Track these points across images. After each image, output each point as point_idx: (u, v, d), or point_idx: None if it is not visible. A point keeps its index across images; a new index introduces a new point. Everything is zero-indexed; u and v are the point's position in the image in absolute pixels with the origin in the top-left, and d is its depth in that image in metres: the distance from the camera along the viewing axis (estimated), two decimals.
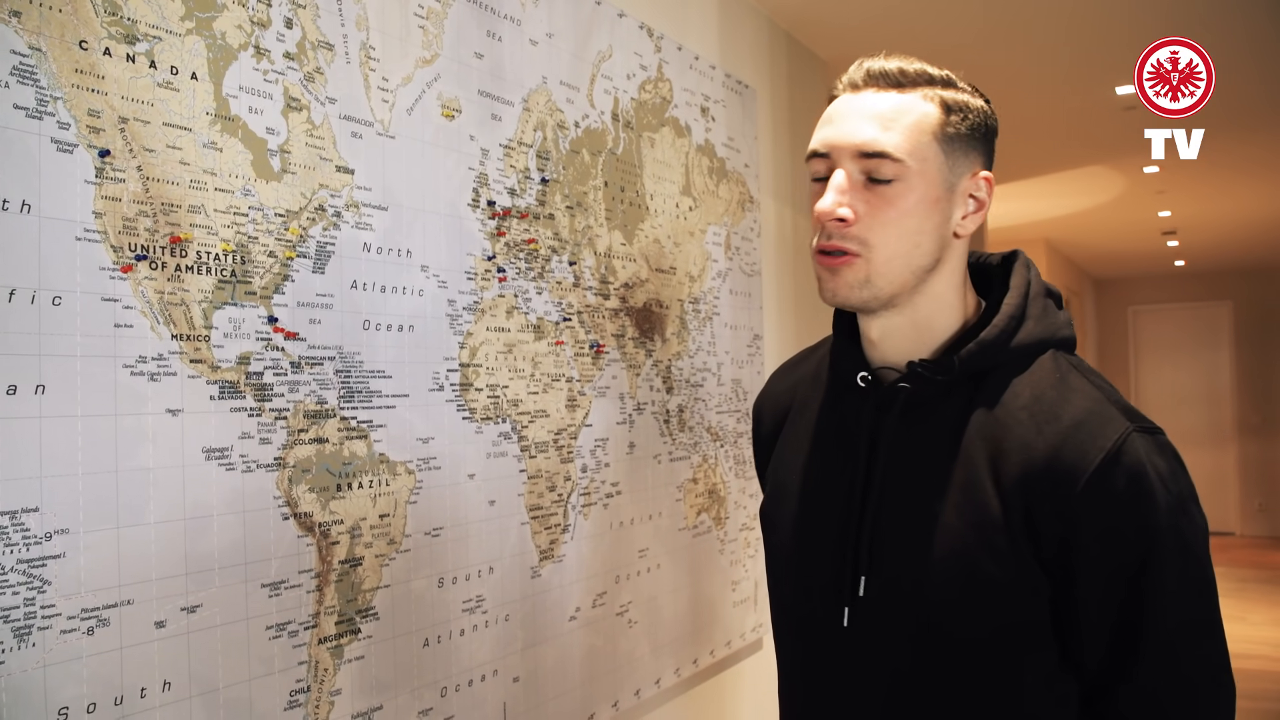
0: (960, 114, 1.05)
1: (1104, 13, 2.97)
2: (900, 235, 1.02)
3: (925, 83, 1.05)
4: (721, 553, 2.39)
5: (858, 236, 1.02)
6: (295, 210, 1.31)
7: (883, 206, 1.02)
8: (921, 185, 1.02)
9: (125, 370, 1.10)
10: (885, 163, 1.01)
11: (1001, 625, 0.99)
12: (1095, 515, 0.95)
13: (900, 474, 1.06)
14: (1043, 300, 1.09)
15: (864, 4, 2.88)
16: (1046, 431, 0.98)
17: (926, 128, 1.03)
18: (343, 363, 1.37)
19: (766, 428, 1.28)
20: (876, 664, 1.05)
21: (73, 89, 1.07)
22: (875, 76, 1.05)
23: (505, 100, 1.70)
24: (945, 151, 1.04)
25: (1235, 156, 4.90)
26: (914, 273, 1.05)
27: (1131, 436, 0.96)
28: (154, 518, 1.12)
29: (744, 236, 2.56)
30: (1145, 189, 5.56)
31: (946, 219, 1.05)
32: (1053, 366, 1.04)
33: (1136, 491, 0.95)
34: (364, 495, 1.39)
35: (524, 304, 1.72)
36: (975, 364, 1.04)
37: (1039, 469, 0.97)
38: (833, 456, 1.14)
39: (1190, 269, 9.50)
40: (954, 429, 1.04)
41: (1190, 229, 7.13)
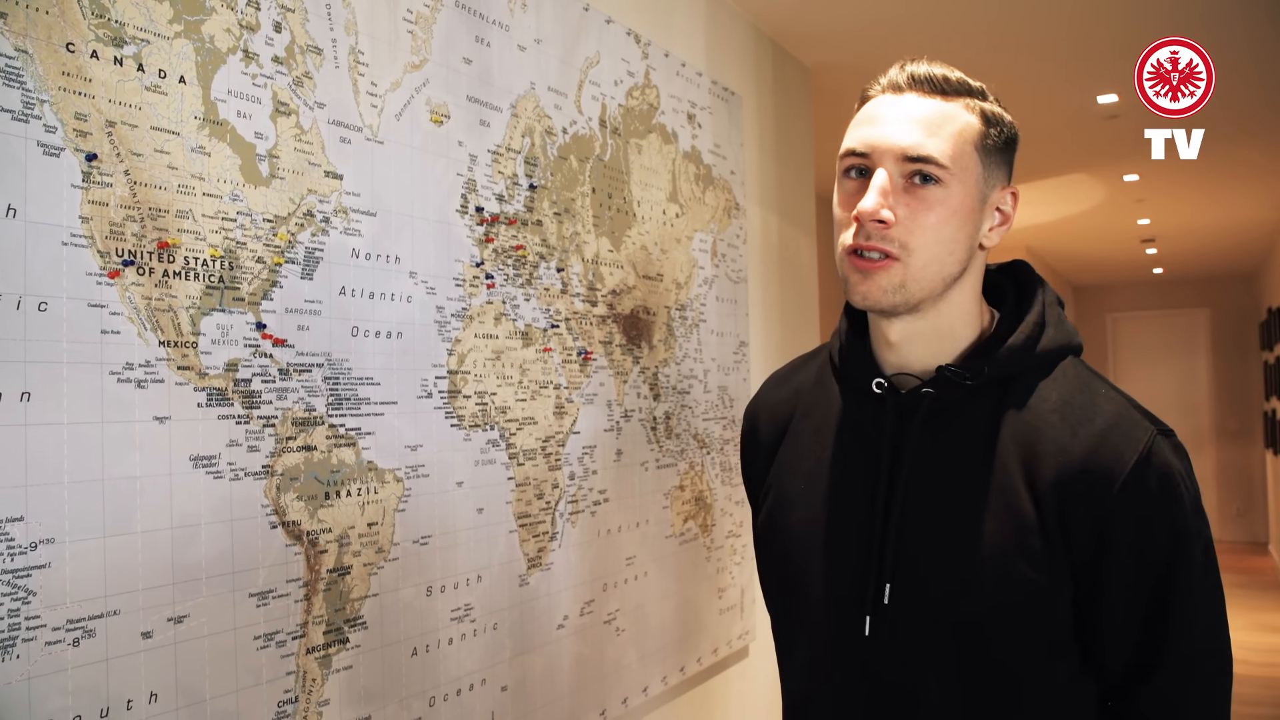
0: (998, 127, 1.06)
1: (1086, 22, 2.99)
2: (938, 241, 1.02)
3: (966, 93, 1.06)
4: (708, 560, 2.38)
5: (898, 239, 1.02)
6: (284, 216, 1.30)
7: (924, 211, 1.02)
8: (960, 194, 1.03)
9: (112, 377, 1.09)
10: (930, 168, 1.01)
11: (1033, 628, 1.00)
12: (1130, 516, 0.97)
13: (927, 480, 1.05)
14: (1056, 309, 1.12)
15: (849, 13, 2.89)
16: (1081, 434, 1.00)
17: (969, 137, 1.04)
18: (331, 369, 1.36)
19: (765, 436, 1.25)
20: (900, 671, 1.05)
21: (59, 92, 1.05)
22: (920, 81, 1.05)
23: (494, 106, 1.70)
24: (983, 163, 1.05)
25: (1213, 165, 4.95)
26: (944, 280, 1.05)
27: (1158, 439, 0.99)
28: (141, 527, 1.11)
29: (730, 243, 2.56)
30: (1125, 197, 5.60)
31: (977, 230, 1.06)
32: (1075, 373, 1.07)
33: (1166, 492, 0.98)
34: (352, 503, 1.38)
35: (512, 311, 1.71)
36: (1005, 368, 1.06)
37: (1075, 471, 0.99)
38: (849, 463, 1.12)
39: (1168, 276, 9.59)
40: (985, 433, 1.04)
41: (1168, 237, 7.19)
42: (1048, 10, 2.91)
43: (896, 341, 1.09)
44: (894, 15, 2.92)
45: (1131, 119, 3.93)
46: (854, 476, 1.11)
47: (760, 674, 2.74)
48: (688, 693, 2.34)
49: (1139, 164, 4.86)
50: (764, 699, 2.76)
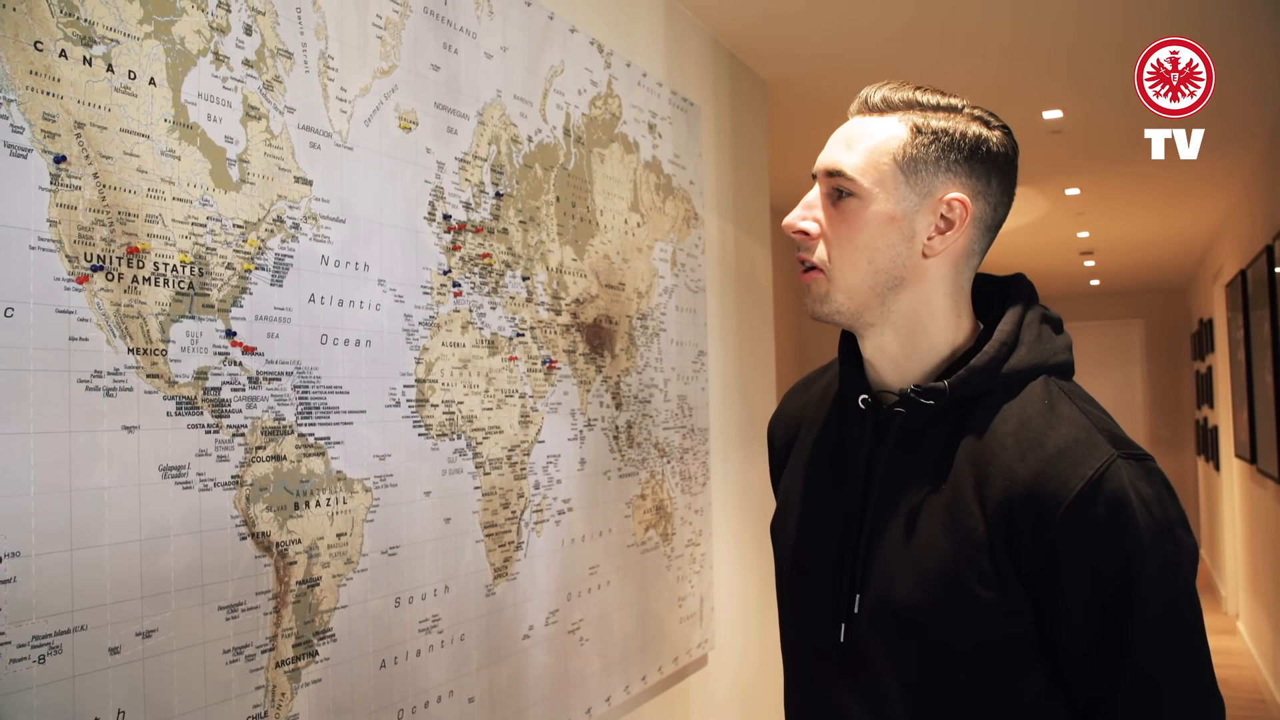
0: (929, 137, 1.06)
1: (1034, 39, 3.06)
2: (853, 250, 1.06)
3: (907, 108, 1.07)
4: (669, 569, 2.38)
5: (819, 251, 1.09)
6: (254, 221, 1.28)
7: (840, 223, 1.07)
8: (876, 204, 1.05)
9: (80, 385, 1.06)
10: (841, 181, 1.07)
11: (987, 644, 1.00)
12: (1074, 542, 0.95)
13: (893, 495, 1.07)
14: (1038, 326, 1.10)
15: (805, 29, 2.92)
16: (1030, 458, 0.99)
17: (887, 149, 1.06)
18: (300, 378, 1.33)
19: (779, 445, 1.30)
20: (870, 681, 1.06)
21: (27, 91, 1.02)
22: (863, 103, 1.10)
23: (461, 113, 1.68)
24: (906, 172, 1.06)
25: (1152, 180, 5.09)
26: (872, 289, 1.07)
27: (1116, 464, 0.96)
28: (109, 539, 1.08)
29: (689, 253, 2.57)
30: (1066, 210, 5.73)
31: (907, 239, 1.07)
32: (1043, 393, 1.05)
33: (1118, 519, 0.95)
34: (321, 514, 1.35)
35: (479, 319, 1.70)
36: (965, 390, 1.05)
37: (1020, 495, 0.98)
38: (833, 476, 1.16)
39: (1105, 288, 9.83)
40: (944, 453, 1.05)
41: (1106, 250, 7.38)
42: (998, 28, 2.97)
43: (870, 358, 1.13)
44: (848, 32, 2.96)
45: (1075, 134, 4.03)
46: (835, 489, 1.14)
47: (719, 682, 2.75)
48: (648, 702, 2.33)
49: (1081, 178, 4.98)
50: (723, 707, 2.77)
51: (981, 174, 1.08)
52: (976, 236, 1.10)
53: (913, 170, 1.06)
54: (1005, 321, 1.08)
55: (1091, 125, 3.98)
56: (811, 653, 1.13)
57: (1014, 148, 1.10)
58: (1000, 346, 1.06)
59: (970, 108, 1.09)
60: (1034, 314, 1.11)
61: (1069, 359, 1.11)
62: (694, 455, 2.54)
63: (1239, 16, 2.88)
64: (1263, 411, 4.46)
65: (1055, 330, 1.12)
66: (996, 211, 1.11)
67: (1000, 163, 1.09)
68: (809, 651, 1.14)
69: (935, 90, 1.09)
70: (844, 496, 1.12)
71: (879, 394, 1.12)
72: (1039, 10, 2.84)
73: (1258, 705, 5.04)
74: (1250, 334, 4.77)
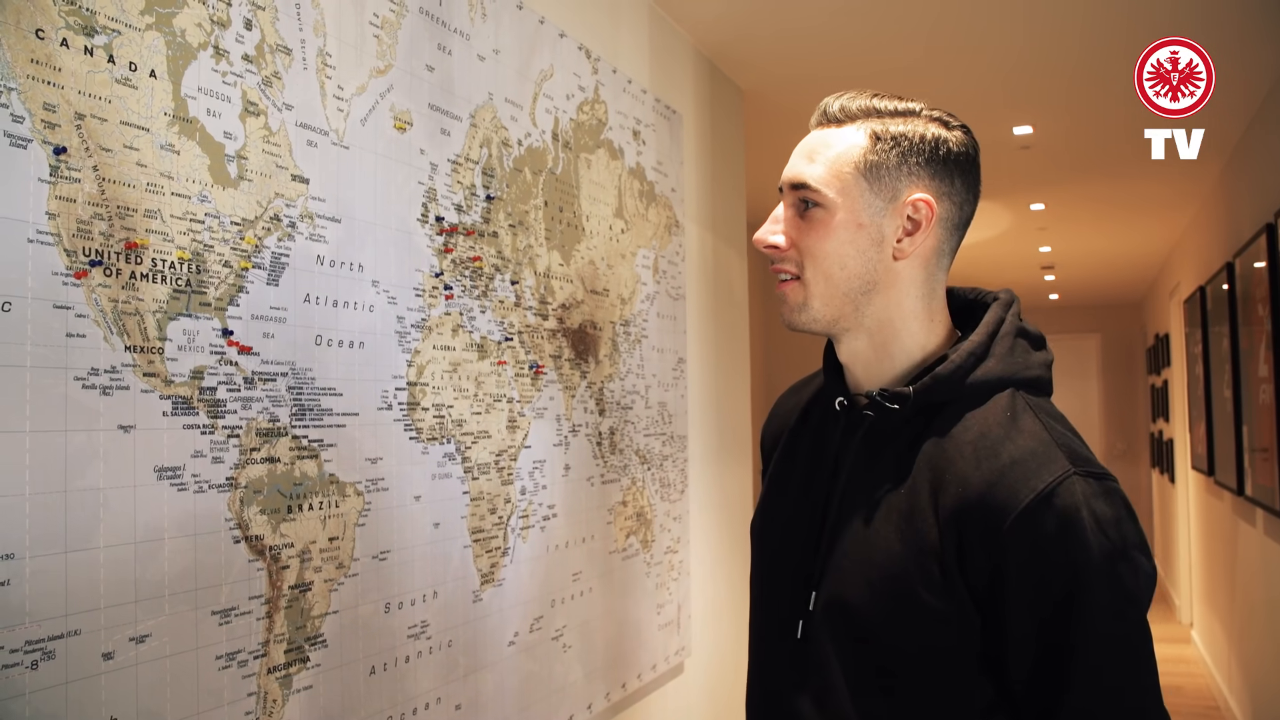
0: (888, 142, 1.08)
1: (1004, 55, 3.10)
2: (825, 257, 1.09)
3: (865, 115, 1.09)
4: (648, 575, 2.37)
5: (793, 260, 1.11)
6: (251, 219, 1.25)
7: (809, 232, 1.09)
8: (842, 212, 1.08)
9: (77, 383, 1.03)
10: (807, 193, 1.09)
11: (934, 649, 0.99)
12: (1021, 553, 0.94)
13: (855, 497, 1.09)
14: (1012, 340, 1.10)
15: (779, 40, 2.94)
16: (984, 467, 0.99)
17: (849, 158, 1.08)
18: (295, 379, 1.31)
19: (769, 447, 1.32)
20: (821, 683, 1.07)
21: (28, 80, 1.00)
22: (822, 115, 1.12)
23: (454, 115, 1.67)
24: (869, 178, 1.08)
25: (1110, 197, 5.18)
26: (847, 295, 1.09)
27: (1071, 480, 0.95)
28: (104, 541, 1.05)
29: (670, 260, 2.57)
30: (1029, 225, 5.82)
31: (876, 243, 1.08)
32: (1007, 405, 1.04)
33: (1066, 534, 0.93)
34: (314, 517, 1.33)
35: (469, 322, 1.68)
36: (930, 396, 1.06)
37: (971, 503, 0.98)
38: (807, 476, 1.18)
39: (1064, 302, 9.99)
40: (906, 457, 1.06)
41: (1066, 265, 7.50)
42: (970, 45, 3.00)
43: (846, 362, 1.16)
44: (823, 45, 2.98)
45: (1043, 150, 4.09)
46: (807, 489, 1.17)
47: (696, 690, 2.74)
48: (628, 709, 2.32)
49: (1045, 193, 5.05)
50: (698, 715, 2.76)
51: (944, 174, 1.09)
52: (945, 236, 1.11)
53: (875, 176, 1.08)
54: (977, 333, 1.09)
55: (1059, 142, 4.05)
56: (771, 650, 1.16)
57: (974, 146, 1.12)
58: (968, 356, 1.07)
59: (928, 110, 1.10)
60: (1010, 328, 1.10)
61: (1044, 375, 1.10)
62: (673, 462, 2.54)
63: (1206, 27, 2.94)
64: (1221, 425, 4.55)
65: (1034, 346, 1.12)
66: (962, 210, 1.12)
67: (962, 162, 1.10)
68: (769, 649, 1.16)
69: (893, 96, 1.10)
70: (812, 496, 1.14)
71: (853, 398, 1.15)
72: (1010, 29, 2.88)
73: (1211, 711, 5.13)
74: (1209, 349, 4.86)
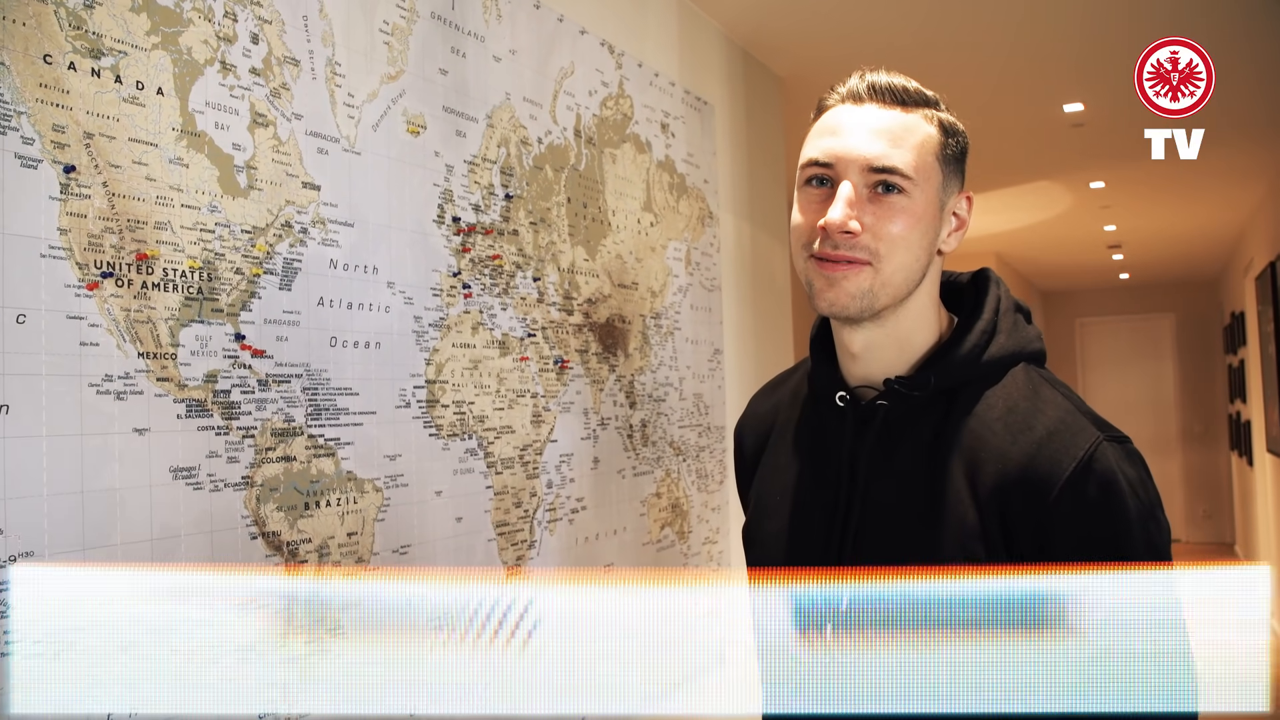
0: (955, 136, 1.09)
1: (1052, 32, 3.04)
2: (906, 248, 1.05)
3: (923, 103, 1.08)
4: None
5: (867, 247, 1.03)
6: (262, 227, 1.30)
7: (889, 219, 1.03)
8: (922, 202, 1.05)
9: (91, 389, 1.09)
10: (895, 178, 1.03)
11: None
12: (1069, 522, 0.97)
13: (879, 490, 1.07)
14: (1013, 315, 1.12)
15: (818, 22, 2.92)
16: (1021, 441, 1.01)
17: (931, 148, 1.06)
18: (310, 380, 1.36)
19: (749, 449, 1.28)
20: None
21: (37, 103, 1.05)
22: (880, 91, 1.06)
23: (469, 117, 1.70)
24: (943, 171, 1.07)
25: (1178, 172, 5.03)
26: (909, 285, 1.07)
27: (1102, 445, 0.99)
28: (121, 539, 1.11)
29: (704, 252, 2.58)
30: (1091, 204, 5.68)
31: (936, 236, 1.08)
32: (1025, 379, 1.07)
33: (1108, 499, 0.97)
34: (332, 513, 1.38)
35: (489, 320, 1.72)
36: (950, 379, 1.06)
37: (1014, 478, 0.99)
38: (815, 475, 1.15)
39: (1134, 282, 9.71)
40: (930, 444, 1.06)
41: (1134, 243, 7.29)
42: (1015, 22, 2.95)
43: (859, 352, 1.11)
44: (863, 26, 2.96)
45: (1097, 127, 3.99)
46: (818, 489, 1.13)
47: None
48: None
49: (1105, 171, 4.93)
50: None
51: (964, 170, 1.11)
52: None
53: (946, 170, 1.08)
54: (986, 311, 1.10)
55: (1113, 118, 3.95)
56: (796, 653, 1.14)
57: None
58: (981, 335, 1.08)
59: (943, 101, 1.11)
60: (1008, 303, 1.12)
61: (1042, 348, 1.13)
62: (710, 453, 2.55)
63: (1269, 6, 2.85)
64: None
65: (1026, 320, 1.14)
66: None
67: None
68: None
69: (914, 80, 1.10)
70: (826, 495, 1.11)
71: (857, 390, 1.12)
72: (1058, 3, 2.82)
73: None
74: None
